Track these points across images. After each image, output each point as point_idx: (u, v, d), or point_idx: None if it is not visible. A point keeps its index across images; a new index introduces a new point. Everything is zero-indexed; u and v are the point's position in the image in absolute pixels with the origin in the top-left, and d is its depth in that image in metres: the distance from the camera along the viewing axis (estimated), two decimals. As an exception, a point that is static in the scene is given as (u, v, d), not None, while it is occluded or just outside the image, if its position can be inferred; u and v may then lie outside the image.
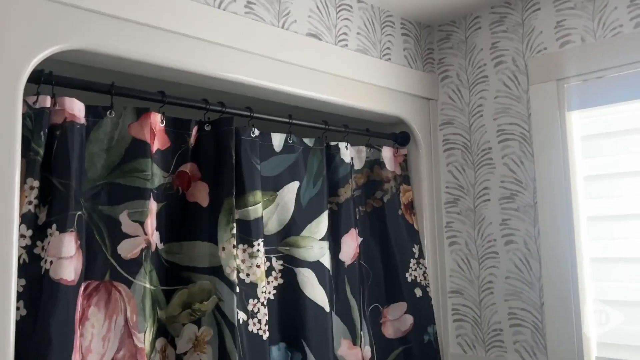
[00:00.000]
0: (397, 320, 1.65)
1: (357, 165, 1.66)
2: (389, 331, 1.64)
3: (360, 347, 1.54)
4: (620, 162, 1.44)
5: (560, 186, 1.49)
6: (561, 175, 1.49)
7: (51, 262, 1.00)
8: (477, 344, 1.64)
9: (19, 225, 0.99)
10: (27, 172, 1.02)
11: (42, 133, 1.04)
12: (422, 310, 1.66)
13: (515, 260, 1.58)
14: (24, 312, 0.98)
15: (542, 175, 1.53)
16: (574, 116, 1.51)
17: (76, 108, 1.09)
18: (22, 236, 1.00)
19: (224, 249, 1.24)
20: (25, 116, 1.02)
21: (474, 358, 1.65)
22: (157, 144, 1.22)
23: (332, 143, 1.58)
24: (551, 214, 1.50)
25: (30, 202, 1.02)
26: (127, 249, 1.12)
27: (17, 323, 0.96)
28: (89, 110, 1.13)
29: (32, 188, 1.02)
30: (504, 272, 1.60)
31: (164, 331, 1.21)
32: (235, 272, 1.24)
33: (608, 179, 1.46)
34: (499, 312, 1.60)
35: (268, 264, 1.39)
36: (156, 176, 1.21)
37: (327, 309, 1.43)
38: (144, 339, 1.12)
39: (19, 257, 0.99)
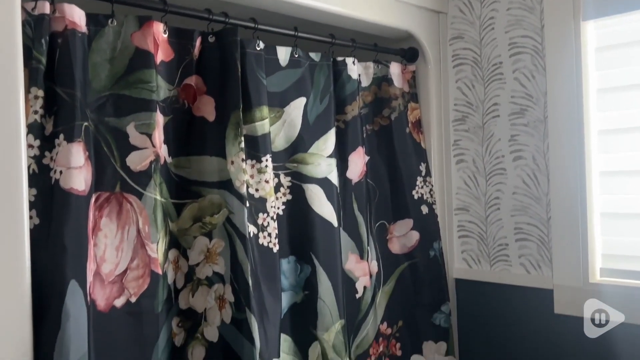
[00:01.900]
0: (403, 236, 1.67)
1: (365, 82, 1.63)
2: (395, 247, 1.67)
3: (367, 261, 1.56)
4: (634, 73, 1.41)
5: (572, 100, 1.47)
6: (573, 89, 1.47)
7: (61, 172, 1.00)
8: (482, 258, 1.67)
9: (26, 135, 0.98)
10: (30, 81, 1.00)
11: (43, 41, 1.01)
12: (428, 227, 1.68)
13: (523, 176, 1.58)
14: (37, 221, 0.99)
15: (554, 89, 1.50)
16: (589, 26, 1.46)
17: (76, 15, 1.06)
18: (29, 146, 0.99)
19: (232, 162, 1.23)
20: (24, 23, 0.99)
21: (479, 272, 1.68)
22: (161, 55, 1.19)
23: (339, 58, 1.54)
24: (561, 128, 1.49)
25: (35, 112, 1.00)
26: (136, 161, 1.12)
27: (31, 232, 0.97)
28: (90, 18, 1.10)
29: (36, 97, 1.00)
30: (511, 188, 1.60)
31: (176, 243, 1.23)
32: (245, 185, 1.24)
33: (621, 92, 1.43)
34: (505, 228, 1.61)
35: (276, 180, 1.39)
36: (161, 88, 1.19)
37: (335, 224, 1.44)
38: (157, 249, 1.14)
39: (29, 167, 0.98)
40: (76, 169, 1.01)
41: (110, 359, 1.07)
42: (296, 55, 1.43)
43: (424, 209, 1.68)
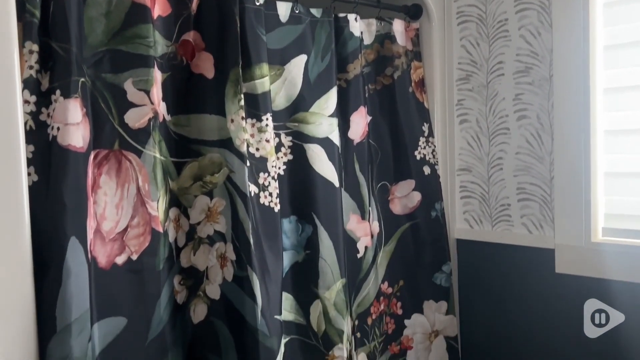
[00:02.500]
0: (405, 197, 1.66)
1: (367, 40, 1.60)
2: (396, 207, 1.66)
3: (369, 222, 1.56)
4: (643, 29, 1.38)
5: (578, 57, 1.44)
6: (580, 46, 1.43)
7: (58, 129, 0.99)
8: (484, 219, 1.67)
9: (22, 91, 0.96)
10: (24, 35, 0.98)
11: (36, -7, 0.98)
12: (430, 188, 1.67)
13: (527, 136, 1.56)
14: (35, 177, 0.98)
15: (560, 46, 1.47)
16: (598, -19, 1.42)
17: (70, -33, 1.03)
18: (26, 102, 0.98)
19: (232, 120, 1.22)
20: (16, -25, 0.96)
21: (480, 232, 1.68)
22: (158, 9, 1.16)
23: (341, 15, 1.50)
24: (567, 86, 1.46)
25: (31, 67, 0.99)
26: (135, 118, 1.10)
27: (30, 188, 0.96)
28: (84, -30, 1.07)
29: (31, 52, 0.98)
30: (514, 148, 1.59)
31: (177, 202, 1.23)
32: (245, 144, 1.23)
33: (629, 48, 1.40)
34: (508, 188, 1.61)
35: (277, 139, 1.38)
36: (159, 44, 1.16)
37: (336, 184, 1.43)
38: (157, 207, 1.14)
39: (25, 123, 0.97)
40: (74, 125, 1.00)
41: (112, 315, 1.08)
42: (297, 11, 1.39)
43: (426, 170, 1.67)
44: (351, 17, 1.51)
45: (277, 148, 1.38)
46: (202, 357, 1.23)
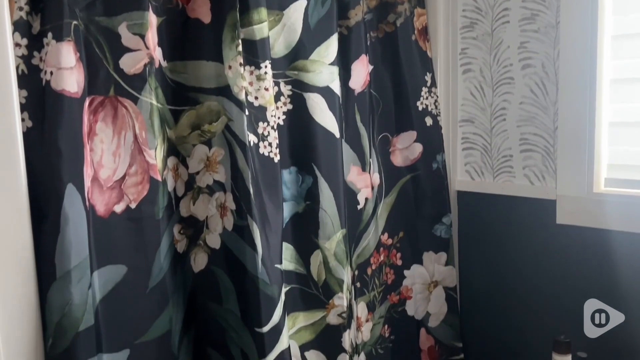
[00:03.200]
0: (406, 148, 1.65)
1: (369, -15, 1.55)
2: (397, 159, 1.65)
3: (369, 173, 1.55)
4: (655, -27, 1.33)
5: (586, 3, 1.39)
6: (589, -9, 1.39)
7: (51, 73, 0.96)
8: (486, 170, 1.65)
9: (13, 33, 0.93)
10: (12, -26, 0.94)
11: None
12: (432, 139, 1.65)
13: (531, 85, 1.53)
14: (29, 123, 0.96)
15: (568, -9, 1.42)
16: None
17: None
18: (17, 45, 0.95)
19: (230, 67, 1.19)
20: None
21: (482, 184, 1.67)
22: (152, -51, 1.11)
23: (342, -42, 1.45)
24: (574, 34, 1.42)
25: (21, 9, 0.95)
26: (130, 64, 1.07)
27: (25, 135, 0.94)
28: None
29: (20, -8, 0.94)
30: (518, 98, 1.56)
31: (175, 151, 1.21)
32: (244, 92, 1.20)
33: (640, -7, 1.36)
34: (510, 139, 1.58)
35: (276, 88, 1.35)
36: (153, -14, 1.12)
37: (337, 135, 1.41)
38: (155, 155, 1.12)
39: (17, 68, 0.94)
40: (67, 69, 0.97)
41: (112, 263, 1.07)
42: (296, -46, 1.34)
43: (428, 121, 1.64)
44: (352, -40, 1.46)
45: (277, 97, 1.35)
46: (203, 305, 1.24)
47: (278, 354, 1.21)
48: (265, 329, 1.20)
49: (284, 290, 1.28)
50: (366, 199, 1.54)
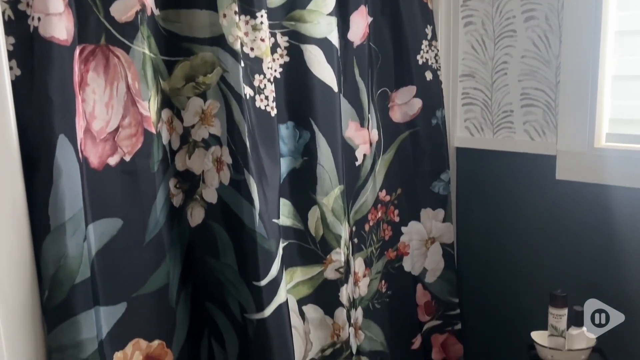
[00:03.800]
0: (405, 104, 1.62)
1: None
2: (396, 115, 1.62)
3: (368, 129, 1.53)
4: None
5: (594, -49, 1.35)
6: (596, -62, 1.34)
7: (39, 19, 0.92)
8: (485, 126, 1.63)
9: (-4, -23, 0.89)
10: None
11: None
12: (432, 94, 1.63)
13: (534, 38, 1.49)
14: (18, 72, 0.93)
15: (575, -61, 1.37)
16: None
17: None
18: (2, -11, 0.91)
19: (224, 15, 1.15)
20: None
21: (481, 140, 1.65)
22: None
23: None
24: (580, -17, 1.38)
25: (4, -50, 0.91)
26: (121, 11, 1.03)
27: (13, 84, 0.91)
28: None
29: None
30: (520, 52, 1.52)
31: (169, 103, 1.18)
32: (239, 42, 1.16)
33: (649, -60, 1.31)
34: (511, 94, 1.56)
35: (273, 40, 1.31)
36: None
37: (335, 89, 1.38)
38: (149, 107, 1.09)
39: (3, 13, 0.91)
40: (56, 15, 0.93)
41: (107, 216, 1.06)
42: None
43: (428, 75, 1.61)
44: None
45: (273, 49, 1.31)
46: (200, 260, 1.24)
47: (276, 307, 1.21)
48: (263, 282, 1.19)
49: (281, 245, 1.27)
50: (364, 156, 1.52)
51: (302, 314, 1.41)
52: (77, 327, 0.96)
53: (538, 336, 1.36)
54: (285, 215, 1.37)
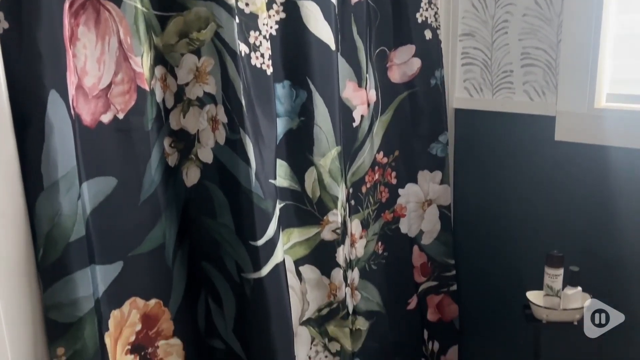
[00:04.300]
0: (404, 64, 1.59)
1: None
2: (395, 75, 1.60)
3: (366, 89, 1.50)
4: None
5: None
6: None
7: (26, -31, 0.89)
8: (485, 87, 1.61)
9: None
10: None
11: None
12: (431, 54, 1.60)
13: (536, -5, 1.46)
14: (6, 24, 0.90)
15: None
16: None
17: None
18: (-15, -63, 0.87)
19: (218, -32, 1.11)
20: None
21: (480, 101, 1.63)
22: None
23: None
24: (585, -63, 1.34)
25: None
26: (111, -38, 1.00)
27: (2, 37, 0.89)
28: None
29: None
30: (521, 10, 1.49)
31: (162, 60, 1.15)
32: (234, -4, 1.13)
33: None
34: (512, 53, 1.53)
35: (268, -6, 1.27)
36: None
37: (333, 47, 1.35)
38: (142, 63, 1.07)
39: (-12, -37, 0.87)
40: (43, -34, 0.90)
41: (101, 175, 1.05)
42: None
43: (428, 34, 1.58)
44: None
45: (269, 5, 1.28)
46: (196, 220, 1.23)
47: (273, 267, 1.21)
48: (260, 242, 1.19)
49: (278, 206, 1.26)
50: (362, 117, 1.50)
51: (299, 275, 1.42)
52: (73, 285, 0.95)
53: (533, 296, 1.37)
54: (282, 177, 1.36)
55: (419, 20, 1.55)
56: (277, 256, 1.23)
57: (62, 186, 0.93)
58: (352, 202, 1.53)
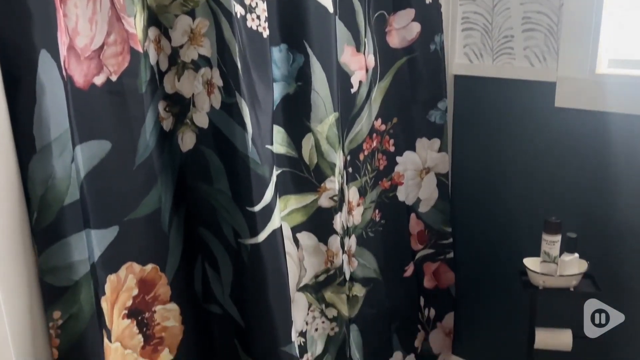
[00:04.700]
0: (403, 28, 1.56)
1: None
2: (394, 40, 1.57)
3: (364, 54, 1.48)
4: None
5: None
6: None
7: None
8: (485, 52, 1.58)
9: None
10: None
11: None
12: (431, 18, 1.57)
13: (539, -43, 1.42)
14: (-7, -19, 0.87)
15: None
16: None
17: None
18: None
19: None
20: None
21: (480, 67, 1.60)
22: None
23: None
24: None
25: None
26: None
27: (-12, -6, 0.86)
28: None
29: None
30: (524, -28, 1.46)
31: (156, 21, 1.12)
32: (228, -45, 1.09)
33: None
34: (513, 17, 1.50)
35: (264, -46, 1.24)
36: None
37: (330, 9, 1.32)
38: (135, 24, 1.04)
39: None
40: None
41: (95, 138, 1.03)
42: None
43: (427, -2, 1.55)
44: None
45: (265, -35, 1.24)
46: (192, 185, 1.22)
47: (270, 232, 1.20)
48: (257, 208, 1.18)
49: (275, 172, 1.25)
50: (360, 82, 1.48)
51: (296, 241, 1.41)
52: (68, 249, 0.94)
53: (530, 262, 1.37)
54: (279, 143, 1.34)
55: (419, -17, 1.52)
56: (274, 222, 1.22)
57: (55, 149, 0.92)
58: (350, 169, 1.52)
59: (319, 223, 1.42)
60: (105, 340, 1.04)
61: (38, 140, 0.91)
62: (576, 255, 1.32)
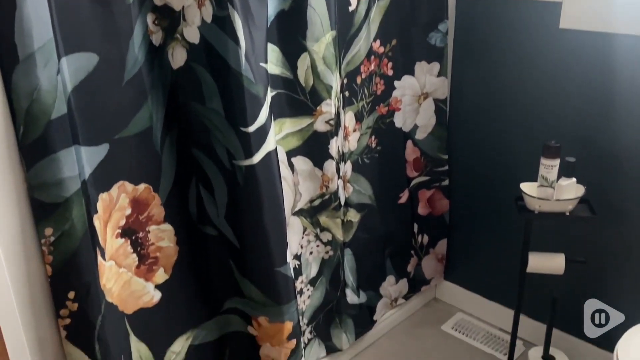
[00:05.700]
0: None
1: None
2: (394, -44, 1.49)
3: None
4: None
5: None
6: None
7: None
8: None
9: None
10: None
11: None
12: None
13: None
14: None
15: None
16: None
17: None
18: None
19: None
20: None
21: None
22: None
23: None
24: None
25: None
26: None
27: None
28: None
29: None
30: None
31: None
32: None
33: None
34: None
35: None
36: None
37: None
38: None
39: None
40: None
41: (81, 51, 0.98)
42: None
43: None
44: None
45: None
46: (184, 105, 1.18)
47: (265, 154, 1.18)
48: (251, 128, 1.15)
49: (269, 94, 1.21)
50: (358, 0, 1.41)
51: (291, 166, 1.39)
52: (57, 165, 0.92)
53: (527, 187, 1.36)
54: (274, 63, 1.29)
55: None
56: (269, 144, 1.19)
57: (39, 59, 0.88)
58: (347, 93, 1.48)
59: (314, 148, 1.39)
60: (100, 258, 1.04)
61: (20, 50, 0.87)
62: (574, 179, 1.31)
